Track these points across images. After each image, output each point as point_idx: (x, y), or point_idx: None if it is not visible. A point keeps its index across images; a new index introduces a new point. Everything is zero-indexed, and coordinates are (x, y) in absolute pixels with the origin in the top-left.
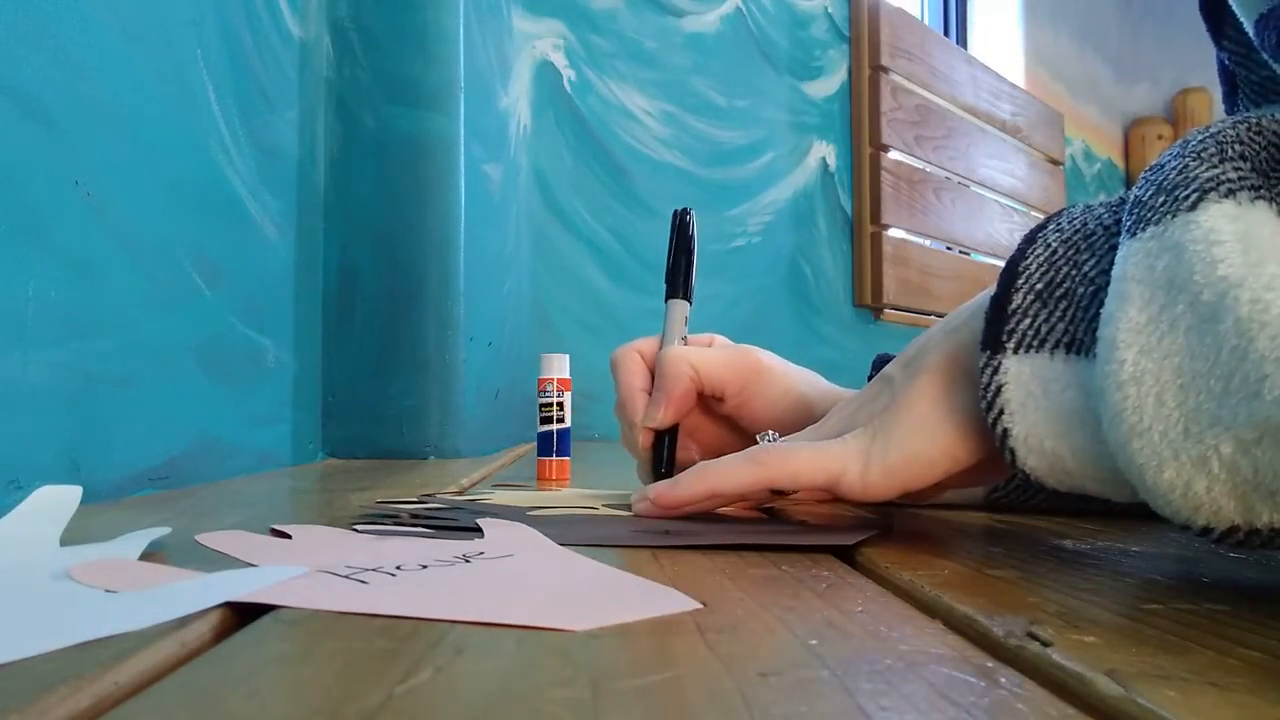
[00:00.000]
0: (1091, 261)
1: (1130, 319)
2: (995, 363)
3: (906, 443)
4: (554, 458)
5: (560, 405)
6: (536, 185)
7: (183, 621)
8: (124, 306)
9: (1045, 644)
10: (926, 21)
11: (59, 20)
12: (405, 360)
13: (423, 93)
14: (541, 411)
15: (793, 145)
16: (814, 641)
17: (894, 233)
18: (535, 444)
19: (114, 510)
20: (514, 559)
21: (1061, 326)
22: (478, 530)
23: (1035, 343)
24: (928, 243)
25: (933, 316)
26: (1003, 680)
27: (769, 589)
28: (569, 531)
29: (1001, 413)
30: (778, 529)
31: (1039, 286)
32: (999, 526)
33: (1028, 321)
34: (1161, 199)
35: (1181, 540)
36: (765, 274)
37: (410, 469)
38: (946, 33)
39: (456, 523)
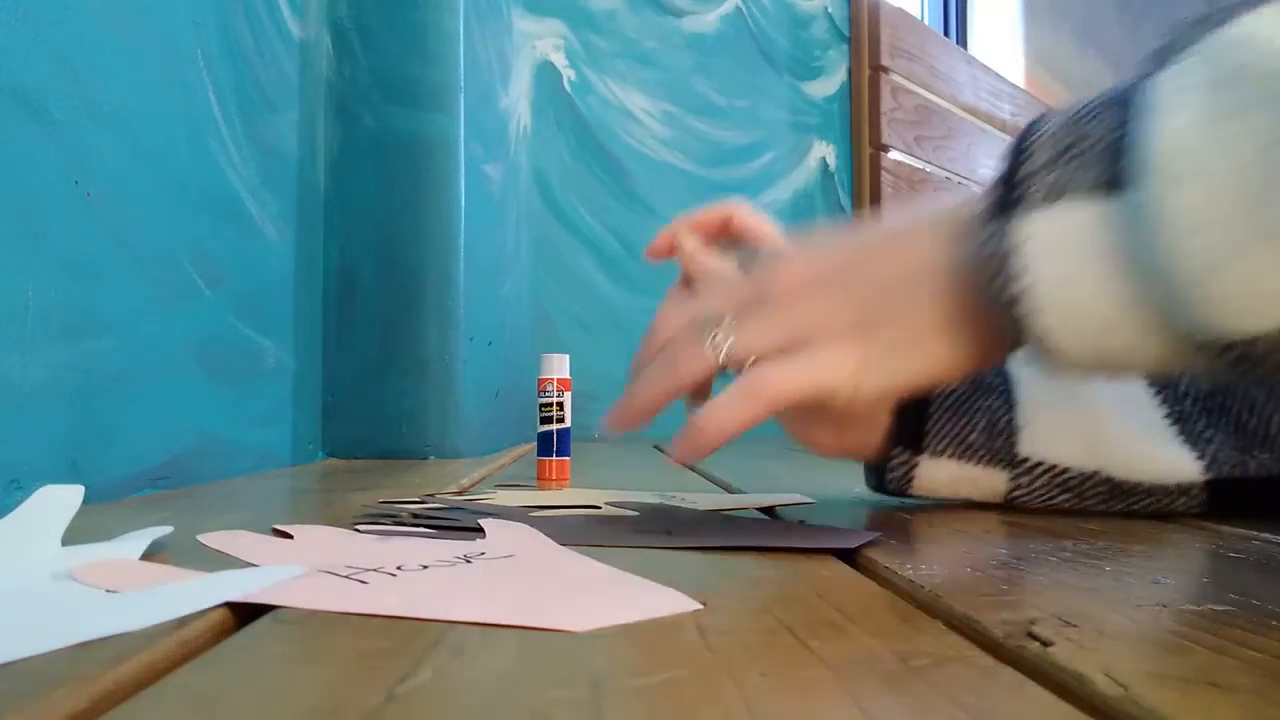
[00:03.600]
0: (1107, 123)
1: (1178, 123)
2: (1004, 228)
3: (900, 355)
4: (554, 458)
5: (560, 405)
6: (536, 185)
7: (183, 621)
8: (124, 306)
9: (1045, 644)
10: (926, 21)
11: (59, 20)
12: (405, 360)
13: (423, 93)
14: (541, 411)
15: (793, 145)
16: (814, 642)
17: None
18: (535, 444)
19: (114, 510)
20: (515, 559)
21: (1084, 175)
22: (479, 530)
23: (1056, 193)
24: None
25: None
26: (1003, 680)
27: (769, 589)
28: (570, 532)
29: (1015, 278)
30: (778, 530)
31: (1049, 154)
32: (999, 526)
33: (1045, 177)
34: (1193, 30)
35: (1182, 541)
36: None
37: (410, 469)
38: (946, 33)
39: (458, 523)
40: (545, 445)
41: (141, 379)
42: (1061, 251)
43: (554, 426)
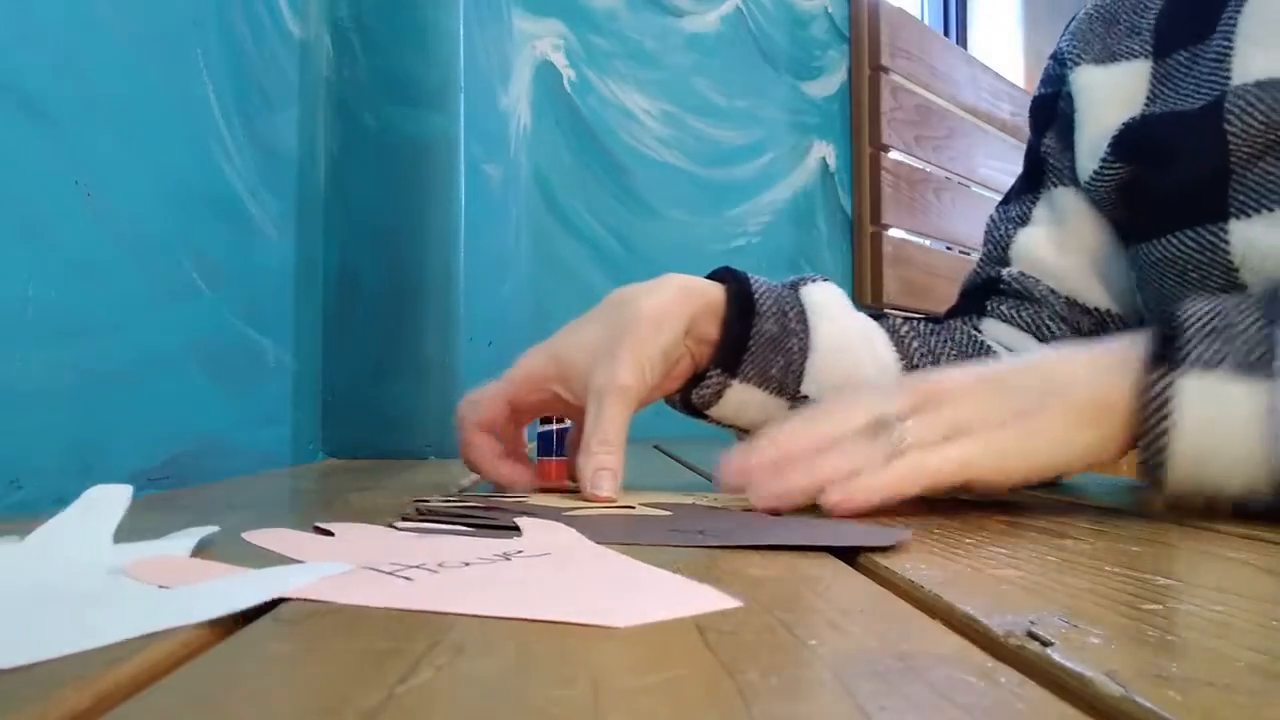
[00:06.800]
0: (1253, 317)
1: None
2: (1165, 377)
3: (1047, 442)
4: (554, 458)
5: None
6: (536, 185)
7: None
8: (124, 306)
9: (1045, 644)
10: (926, 21)
11: (59, 20)
12: (405, 360)
13: (423, 93)
14: None
15: (793, 145)
16: (814, 641)
17: (894, 233)
18: (535, 444)
19: None
20: (552, 557)
21: (1234, 356)
22: (516, 529)
23: (1211, 364)
24: (928, 243)
25: None
26: (1003, 680)
27: (769, 589)
28: (605, 531)
29: (1167, 415)
30: (812, 529)
31: (1208, 327)
32: (999, 526)
33: (1201, 347)
34: None
35: (1182, 541)
36: (765, 274)
37: (410, 469)
38: (946, 33)
39: (495, 521)
40: (545, 445)
41: (141, 379)
42: (1209, 405)
43: (554, 426)
